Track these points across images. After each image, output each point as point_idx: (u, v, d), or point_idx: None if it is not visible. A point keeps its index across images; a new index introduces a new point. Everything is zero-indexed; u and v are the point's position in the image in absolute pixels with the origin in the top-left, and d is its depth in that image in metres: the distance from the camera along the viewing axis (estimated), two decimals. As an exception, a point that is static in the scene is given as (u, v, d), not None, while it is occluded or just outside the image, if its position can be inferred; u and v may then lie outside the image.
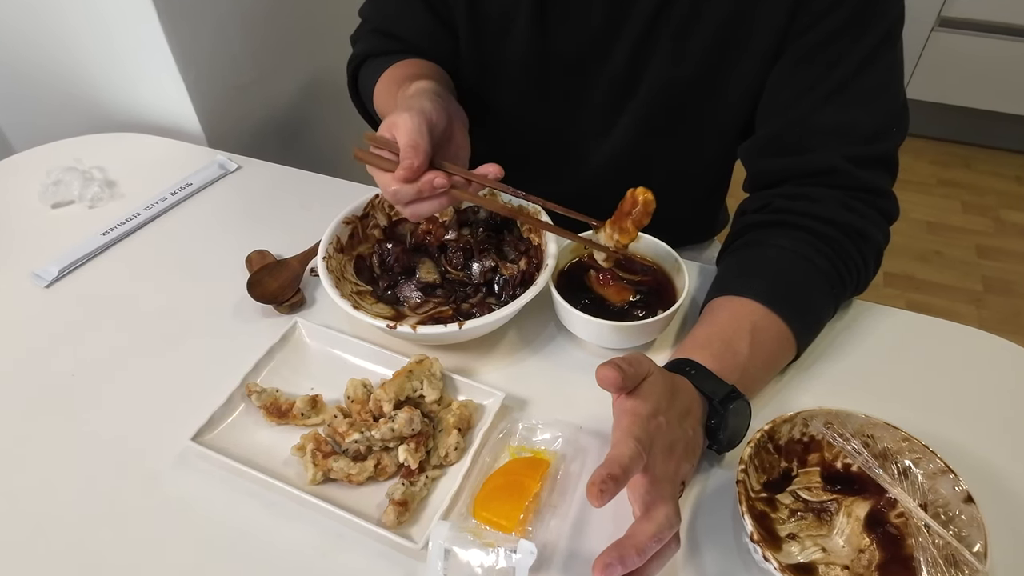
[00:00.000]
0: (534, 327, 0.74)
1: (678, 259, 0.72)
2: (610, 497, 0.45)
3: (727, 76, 0.76)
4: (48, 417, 0.66)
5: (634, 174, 0.87)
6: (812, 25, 0.69)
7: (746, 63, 0.74)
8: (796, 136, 0.72)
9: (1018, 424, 0.65)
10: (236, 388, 0.65)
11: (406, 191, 0.63)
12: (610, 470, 0.45)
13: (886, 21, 0.68)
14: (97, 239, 0.85)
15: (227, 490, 0.60)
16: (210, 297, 0.78)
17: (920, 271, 2.12)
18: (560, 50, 0.80)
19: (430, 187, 0.62)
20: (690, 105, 0.80)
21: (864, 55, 0.68)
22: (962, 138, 2.62)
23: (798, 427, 0.58)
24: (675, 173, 0.88)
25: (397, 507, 0.55)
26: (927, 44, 2.29)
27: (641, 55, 0.77)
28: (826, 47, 0.69)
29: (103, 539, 0.57)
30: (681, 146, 0.85)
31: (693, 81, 0.77)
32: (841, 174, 0.69)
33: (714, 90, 0.78)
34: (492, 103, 0.89)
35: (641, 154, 0.85)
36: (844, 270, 0.68)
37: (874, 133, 0.70)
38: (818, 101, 0.70)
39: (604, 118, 0.84)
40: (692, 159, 0.87)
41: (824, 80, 0.70)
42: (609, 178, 0.88)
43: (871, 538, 0.54)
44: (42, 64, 1.09)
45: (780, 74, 0.73)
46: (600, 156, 0.87)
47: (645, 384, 0.53)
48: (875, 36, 0.68)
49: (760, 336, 0.63)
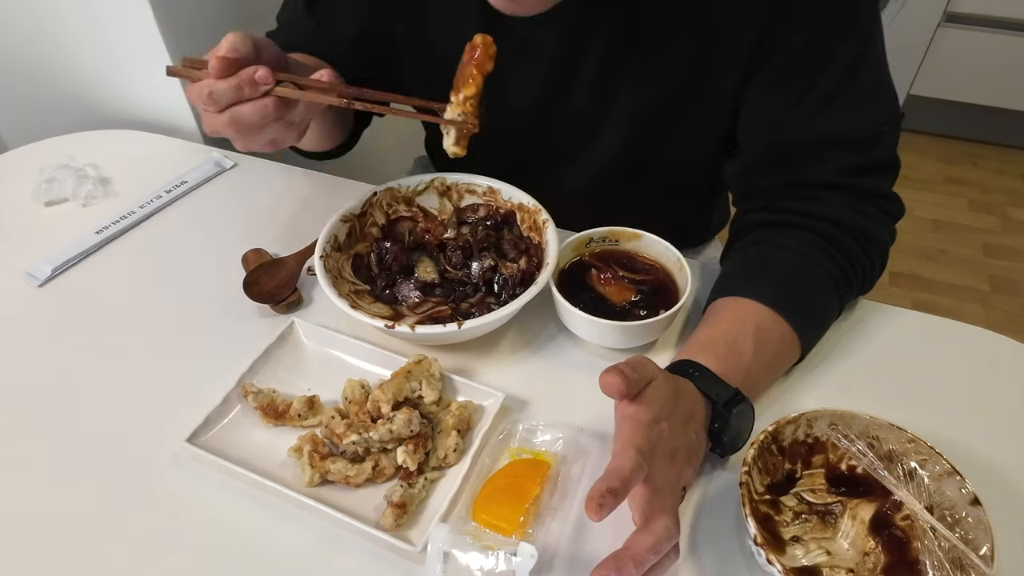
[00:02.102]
0: (534, 327, 0.73)
1: (680, 257, 0.71)
2: (609, 512, 0.44)
3: (697, 111, 0.75)
4: (41, 418, 0.66)
5: (619, 186, 0.86)
6: (785, 42, 0.67)
7: (716, 87, 0.72)
8: (787, 156, 0.71)
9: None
10: (232, 389, 0.64)
11: (222, 89, 0.55)
12: (609, 484, 0.45)
13: (860, 23, 0.66)
14: (91, 238, 0.84)
15: (223, 492, 0.59)
16: (206, 296, 0.77)
17: (926, 270, 2.11)
18: (515, 96, 0.79)
19: (251, 82, 0.55)
20: (664, 138, 0.78)
21: (846, 63, 0.66)
22: (968, 135, 2.61)
23: (802, 428, 0.58)
24: (665, 184, 0.87)
25: (395, 509, 0.55)
26: (933, 40, 2.28)
27: (604, 89, 0.76)
28: (804, 62, 0.67)
29: (97, 542, 0.56)
30: (664, 160, 0.83)
31: (660, 119, 0.76)
32: (843, 187, 0.68)
33: (682, 126, 0.76)
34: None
35: (622, 172, 0.84)
36: (851, 271, 0.67)
37: (869, 139, 0.68)
38: (805, 117, 0.68)
39: (574, 152, 0.83)
40: (679, 170, 0.86)
41: (808, 95, 0.68)
42: (593, 188, 0.87)
43: (876, 541, 0.53)
44: (35, 60, 1.09)
45: (759, 93, 0.71)
46: (574, 183, 0.86)
47: (648, 389, 0.52)
48: (854, 40, 0.66)
49: (764, 338, 0.63)
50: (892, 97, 0.70)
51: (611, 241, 0.75)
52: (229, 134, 0.60)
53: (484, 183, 0.79)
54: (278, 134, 0.62)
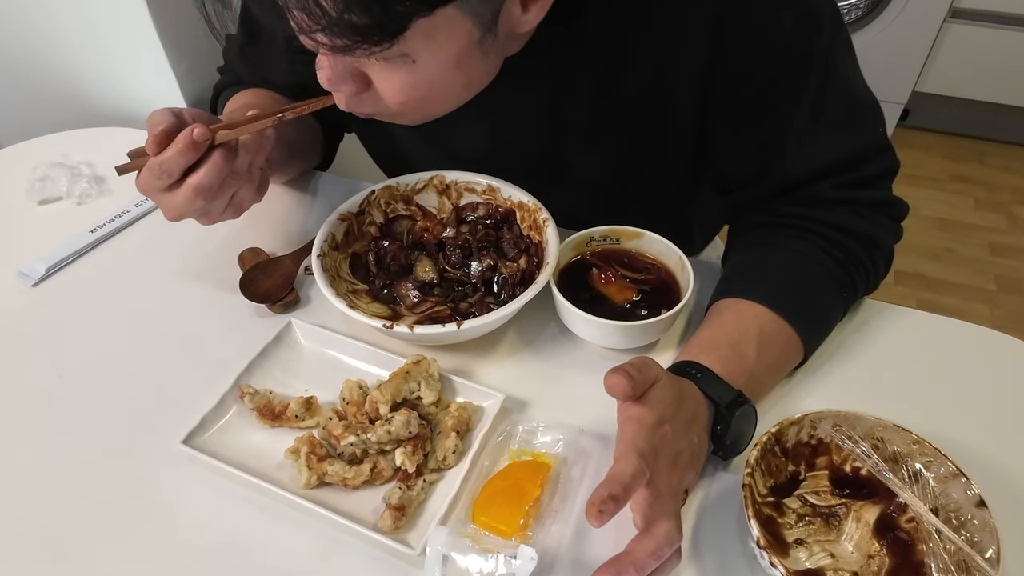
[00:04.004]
0: (534, 327, 0.73)
1: (682, 257, 0.71)
2: (609, 518, 0.44)
3: (657, 149, 0.74)
4: (34, 419, 0.65)
5: (603, 204, 0.82)
6: (736, 91, 0.65)
7: (673, 134, 0.71)
8: (782, 192, 0.69)
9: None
10: (228, 390, 0.64)
11: (168, 157, 0.58)
12: (611, 490, 0.44)
13: (816, 52, 0.63)
14: (85, 236, 0.84)
15: (219, 494, 0.59)
16: (202, 296, 0.77)
17: (931, 269, 2.10)
18: (459, 153, 0.79)
19: (191, 143, 0.58)
20: (631, 168, 0.77)
21: (812, 93, 0.64)
22: (975, 132, 2.59)
23: (806, 429, 0.57)
24: (649, 203, 0.84)
25: (394, 512, 0.55)
26: (939, 36, 2.27)
27: (559, 144, 0.75)
28: (769, 105, 0.65)
29: (90, 545, 0.56)
30: (647, 184, 0.81)
31: (620, 168, 0.75)
32: (841, 202, 0.67)
33: (652, 154, 0.75)
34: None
35: (606, 189, 0.81)
36: (855, 272, 0.67)
37: (858, 155, 0.67)
38: (789, 155, 0.67)
39: (542, 189, 0.77)
40: (661, 195, 0.83)
41: (784, 133, 0.66)
42: (581, 206, 0.81)
43: (881, 544, 0.53)
44: (28, 56, 1.09)
45: (731, 141, 0.70)
46: (566, 191, 0.80)
47: (652, 390, 0.52)
48: (814, 70, 0.63)
49: (767, 340, 0.62)
50: (869, 109, 0.67)
51: (612, 240, 0.74)
52: (195, 207, 0.62)
53: (483, 181, 0.78)
54: (235, 188, 0.64)
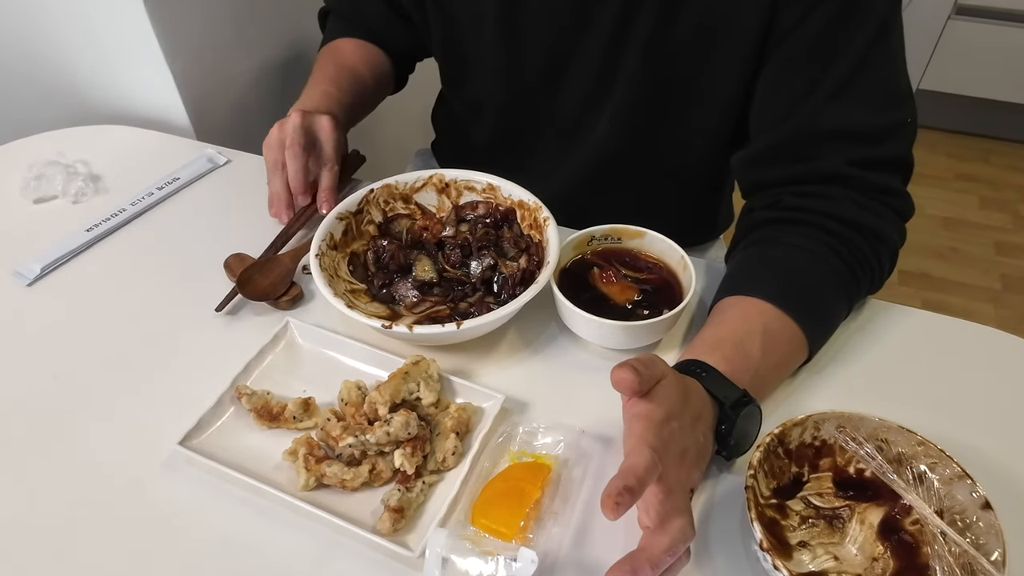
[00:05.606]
0: (535, 327, 0.72)
1: (684, 256, 0.70)
2: (626, 510, 0.43)
3: (704, 78, 0.75)
4: (29, 421, 0.65)
5: (620, 173, 0.86)
6: (796, 25, 0.67)
7: (723, 65, 0.73)
8: (796, 145, 0.70)
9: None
10: (225, 390, 0.63)
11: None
12: (626, 481, 0.44)
13: (879, 9, 0.65)
14: (81, 235, 0.84)
15: (216, 496, 0.58)
16: (199, 295, 0.76)
17: (936, 269, 2.09)
18: (528, 51, 0.80)
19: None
20: (670, 105, 0.78)
21: (860, 51, 0.65)
22: (980, 130, 2.59)
23: (809, 431, 0.57)
24: (666, 173, 0.87)
25: (393, 514, 0.54)
26: (943, 33, 2.27)
27: (612, 55, 0.76)
28: (817, 47, 0.67)
29: (86, 547, 0.56)
30: (667, 146, 0.84)
31: (667, 82, 0.76)
32: (850, 179, 0.67)
33: (691, 92, 0.76)
34: (469, 97, 0.91)
35: (625, 153, 0.84)
36: (859, 270, 0.66)
37: (881, 133, 0.67)
38: (816, 105, 0.68)
39: (581, 118, 0.83)
40: (681, 159, 0.86)
41: (820, 82, 0.67)
42: (594, 177, 0.88)
43: (885, 546, 0.53)
44: (23, 53, 1.08)
45: (770, 79, 0.71)
46: (581, 155, 0.86)
47: (659, 387, 0.51)
48: (869, 28, 0.65)
49: (772, 338, 0.62)
50: (906, 94, 0.69)
51: (613, 239, 0.74)
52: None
53: (483, 180, 0.78)
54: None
